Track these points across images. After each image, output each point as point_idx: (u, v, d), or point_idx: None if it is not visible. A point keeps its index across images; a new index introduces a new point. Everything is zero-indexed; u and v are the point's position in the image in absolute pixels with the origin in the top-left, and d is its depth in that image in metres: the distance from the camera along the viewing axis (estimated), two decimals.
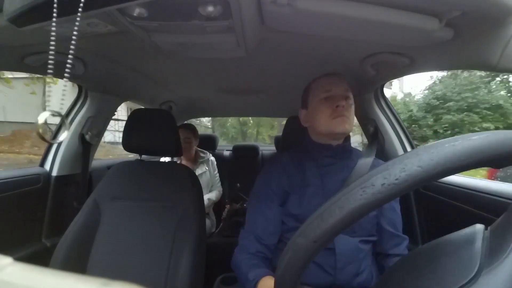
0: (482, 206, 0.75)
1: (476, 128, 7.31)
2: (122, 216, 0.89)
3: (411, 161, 0.24)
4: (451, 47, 0.60)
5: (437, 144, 0.25)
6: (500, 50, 0.50)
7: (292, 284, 0.28)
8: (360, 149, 0.97)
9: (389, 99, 1.19)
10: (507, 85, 8.35)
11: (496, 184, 0.78)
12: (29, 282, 0.13)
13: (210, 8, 0.49)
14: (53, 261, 0.81)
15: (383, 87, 1.15)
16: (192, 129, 1.80)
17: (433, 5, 0.49)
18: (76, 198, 1.18)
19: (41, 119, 0.31)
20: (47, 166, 1.15)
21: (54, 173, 1.14)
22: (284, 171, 0.77)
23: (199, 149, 1.89)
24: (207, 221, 1.62)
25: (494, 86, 8.37)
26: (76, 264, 0.83)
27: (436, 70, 0.75)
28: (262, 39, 0.69)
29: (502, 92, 8.25)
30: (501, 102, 7.62)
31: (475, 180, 0.85)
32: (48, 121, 0.32)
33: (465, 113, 7.72)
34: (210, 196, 1.76)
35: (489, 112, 7.64)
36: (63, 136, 0.39)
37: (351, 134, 0.82)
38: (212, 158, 1.92)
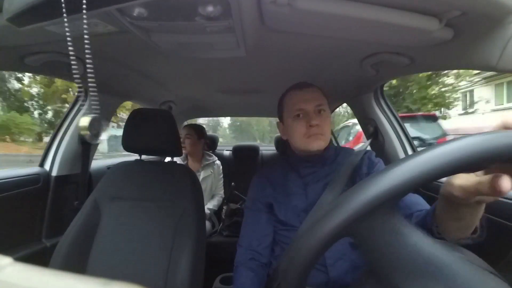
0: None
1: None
2: (122, 216, 0.89)
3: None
4: (451, 47, 0.60)
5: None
6: (500, 50, 0.50)
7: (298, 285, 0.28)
8: None
9: None
10: None
11: None
12: (29, 282, 0.13)
13: (210, 8, 0.49)
14: (53, 261, 0.81)
15: (383, 87, 1.15)
16: (195, 127, 1.77)
17: (433, 5, 0.49)
18: (76, 198, 1.18)
19: (83, 123, 0.34)
20: (47, 166, 1.15)
21: (54, 173, 1.14)
22: (269, 182, 0.82)
23: (206, 152, 1.87)
24: (207, 223, 1.62)
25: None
26: (76, 264, 0.83)
27: (436, 70, 0.75)
28: (262, 39, 0.69)
29: None
30: None
31: None
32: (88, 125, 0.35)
33: None
34: (211, 205, 1.74)
35: None
36: (103, 136, 0.41)
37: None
38: (218, 162, 1.88)
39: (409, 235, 0.27)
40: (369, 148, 0.87)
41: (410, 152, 1.11)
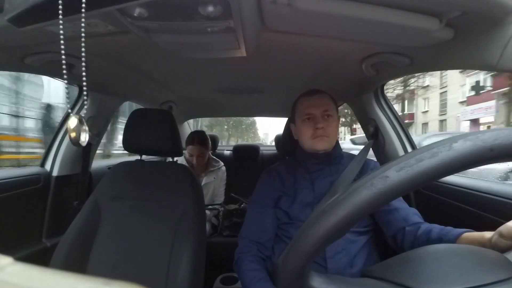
0: (482, 207, 0.75)
1: None
2: (122, 216, 0.90)
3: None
4: (451, 47, 0.60)
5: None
6: (500, 50, 0.50)
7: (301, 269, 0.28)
8: None
9: None
10: None
11: (497, 184, 0.78)
12: (29, 282, 0.13)
13: (210, 8, 0.49)
14: (54, 261, 0.81)
15: (383, 87, 1.15)
16: (204, 143, 1.66)
17: (433, 5, 0.49)
18: (76, 198, 1.18)
19: (71, 124, 0.33)
20: (48, 166, 1.15)
21: (55, 173, 1.14)
22: (278, 177, 0.87)
23: (213, 157, 1.81)
24: (208, 224, 1.61)
25: None
26: (77, 264, 0.83)
27: (436, 70, 0.75)
28: (262, 39, 0.69)
29: None
30: None
31: (476, 180, 0.85)
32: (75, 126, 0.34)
33: None
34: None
35: None
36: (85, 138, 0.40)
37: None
38: (223, 168, 1.81)
39: None
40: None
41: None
